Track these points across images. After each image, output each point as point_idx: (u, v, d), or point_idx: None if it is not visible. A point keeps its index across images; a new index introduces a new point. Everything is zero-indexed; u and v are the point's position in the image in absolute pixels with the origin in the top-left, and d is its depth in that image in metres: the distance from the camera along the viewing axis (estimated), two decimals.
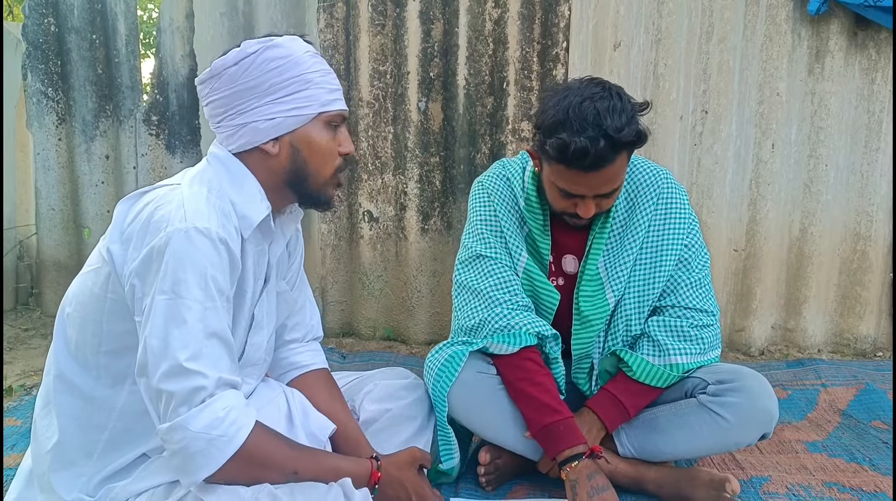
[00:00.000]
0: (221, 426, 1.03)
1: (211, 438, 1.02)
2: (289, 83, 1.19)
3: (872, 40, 2.65)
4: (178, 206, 1.10)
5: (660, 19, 2.62)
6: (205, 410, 1.03)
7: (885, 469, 1.78)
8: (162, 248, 1.06)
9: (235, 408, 1.06)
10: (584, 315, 1.64)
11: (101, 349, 1.17)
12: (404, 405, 1.56)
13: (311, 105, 1.22)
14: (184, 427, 1.02)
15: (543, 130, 1.47)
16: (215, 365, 1.06)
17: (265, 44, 1.19)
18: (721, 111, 2.67)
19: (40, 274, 3.14)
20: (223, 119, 1.23)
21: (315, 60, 1.24)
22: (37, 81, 2.94)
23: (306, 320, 1.54)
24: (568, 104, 1.42)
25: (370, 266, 2.83)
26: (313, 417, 1.38)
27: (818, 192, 2.74)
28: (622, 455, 1.63)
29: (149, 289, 1.07)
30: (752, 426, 1.56)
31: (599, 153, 1.39)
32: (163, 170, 2.97)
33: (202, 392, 1.03)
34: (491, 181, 1.73)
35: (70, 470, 1.19)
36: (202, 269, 1.07)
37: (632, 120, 1.42)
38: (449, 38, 2.65)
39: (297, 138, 1.23)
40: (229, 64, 1.19)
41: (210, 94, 1.23)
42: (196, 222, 1.08)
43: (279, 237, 1.35)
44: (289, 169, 1.24)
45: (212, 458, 1.03)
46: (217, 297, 1.09)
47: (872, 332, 2.81)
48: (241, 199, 1.20)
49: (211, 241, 1.09)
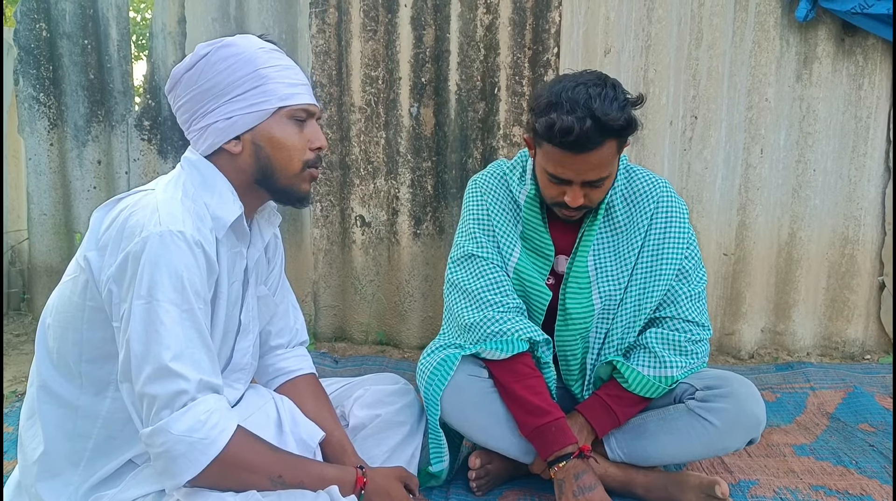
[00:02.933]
0: (203, 430, 1.03)
1: (192, 441, 1.03)
2: (242, 81, 1.19)
3: (860, 46, 2.67)
4: (153, 211, 1.10)
5: (649, 26, 2.64)
6: (186, 413, 1.03)
7: (871, 472, 1.80)
8: (138, 253, 1.06)
9: (217, 411, 1.06)
10: (568, 312, 1.64)
11: (83, 358, 1.17)
12: (394, 410, 1.57)
13: (268, 100, 1.21)
14: (166, 431, 1.03)
15: (536, 111, 1.49)
16: (196, 367, 1.07)
17: (216, 45, 1.20)
18: (710, 117, 2.69)
19: (32, 279, 3.14)
20: (190, 124, 1.24)
21: (270, 56, 1.23)
22: (28, 86, 2.94)
23: (290, 324, 1.54)
24: (561, 88, 1.44)
25: (362, 271, 2.84)
26: (303, 424, 1.38)
27: (806, 196, 2.77)
28: (612, 459, 1.64)
29: (126, 295, 1.07)
30: (740, 432, 1.57)
31: (585, 133, 1.40)
32: (155, 175, 2.97)
33: (184, 396, 1.03)
34: (485, 179, 1.74)
35: (57, 480, 1.19)
36: (178, 272, 1.07)
37: (623, 109, 1.43)
38: (440, 44, 2.66)
39: (258, 135, 1.22)
40: (185, 69, 1.20)
41: (175, 101, 1.24)
42: (171, 226, 1.09)
43: (256, 240, 1.35)
44: (255, 167, 1.24)
45: (194, 461, 1.04)
46: (194, 300, 1.09)
47: (861, 335, 2.84)
48: (213, 200, 1.21)
49: (186, 244, 1.09)
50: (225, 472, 1.08)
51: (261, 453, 1.14)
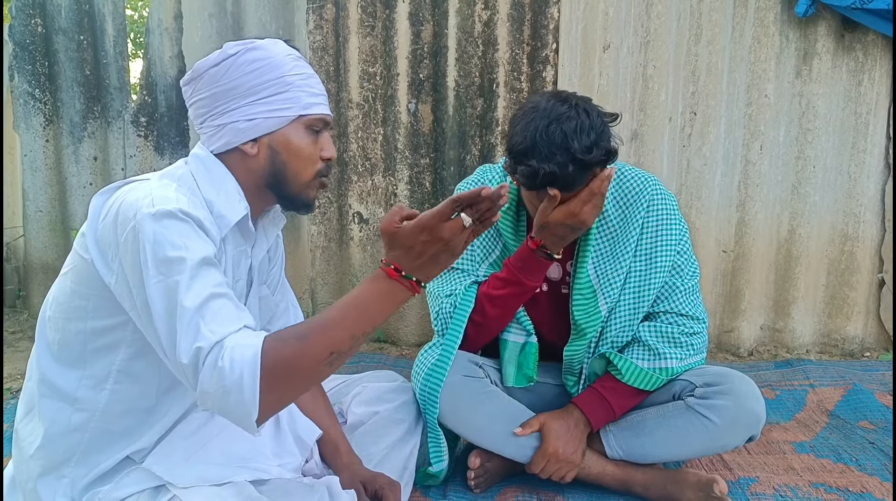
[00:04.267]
0: (229, 375, 0.99)
1: (227, 389, 0.99)
2: (268, 85, 1.20)
3: (859, 42, 2.66)
4: (145, 194, 1.09)
5: (648, 21, 2.63)
6: (206, 369, 1.00)
7: (871, 470, 1.79)
8: (136, 236, 1.05)
9: (236, 347, 1.01)
10: (578, 325, 1.63)
11: (88, 348, 1.16)
12: (392, 408, 1.56)
13: (290, 108, 1.22)
14: (204, 392, 1.00)
15: (513, 155, 1.46)
16: (217, 322, 1.03)
17: (246, 45, 1.20)
18: (710, 113, 2.68)
19: (27, 276, 3.12)
20: (205, 120, 1.23)
21: (296, 64, 1.24)
22: (24, 82, 2.92)
23: (290, 323, 1.52)
24: (535, 129, 1.41)
25: (360, 268, 2.82)
26: (300, 421, 1.37)
27: (806, 193, 2.76)
28: (610, 456, 1.63)
29: (136, 280, 1.06)
30: (739, 429, 1.56)
31: (569, 177, 1.40)
32: (151, 171, 2.94)
33: (201, 354, 1.01)
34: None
35: (54, 475, 1.18)
36: (177, 243, 1.05)
37: (601, 136, 1.41)
38: (439, 40, 2.65)
39: (276, 140, 1.23)
40: (210, 65, 1.20)
41: (193, 95, 1.24)
42: (163, 205, 1.07)
43: (261, 240, 1.34)
44: (268, 170, 1.24)
45: (244, 401, 0.99)
46: (199, 262, 1.06)
47: (860, 332, 2.83)
48: (218, 198, 1.20)
49: (179, 218, 1.08)
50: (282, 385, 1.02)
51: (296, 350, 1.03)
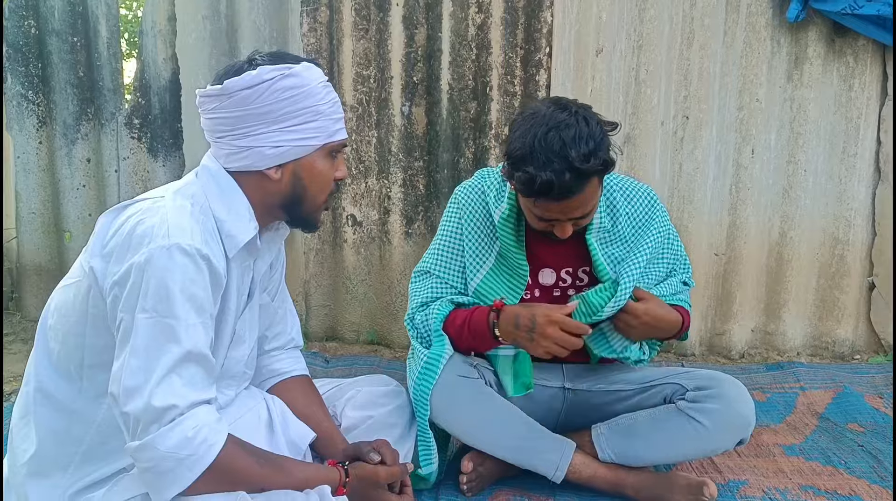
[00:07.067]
0: (191, 446, 1.02)
1: (180, 458, 1.01)
2: (300, 113, 1.20)
3: (850, 47, 2.68)
4: (161, 221, 1.09)
5: (641, 26, 2.64)
6: (174, 429, 1.02)
7: (860, 473, 1.81)
8: (143, 265, 1.05)
9: (206, 426, 1.05)
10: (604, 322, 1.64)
11: (86, 363, 1.16)
12: (386, 412, 1.57)
13: (318, 136, 1.22)
14: (153, 447, 1.01)
15: (511, 161, 1.47)
16: (192, 385, 1.06)
17: (282, 72, 1.18)
18: (702, 117, 2.70)
19: (21, 278, 3.11)
20: (225, 137, 1.21)
21: (327, 91, 1.24)
22: (17, 83, 2.91)
23: (287, 330, 1.54)
24: (533, 136, 1.42)
25: (354, 270, 2.83)
26: (293, 426, 1.38)
27: (797, 197, 2.77)
28: (602, 459, 1.65)
29: (129, 306, 1.06)
30: (730, 432, 1.58)
31: (566, 185, 1.40)
32: (145, 173, 2.96)
33: (173, 411, 1.02)
34: (465, 194, 1.75)
35: (45, 481, 1.18)
36: (184, 287, 1.06)
37: (599, 146, 1.42)
38: (432, 43, 2.65)
39: (301, 167, 1.23)
40: (244, 86, 1.17)
41: (216, 110, 1.20)
42: (179, 239, 1.07)
43: (265, 254, 1.35)
44: (288, 194, 1.25)
45: (181, 477, 1.03)
46: (198, 315, 1.08)
47: (850, 335, 2.85)
48: (228, 217, 1.20)
49: (192, 258, 1.08)
50: (212, 485, 1.07)
51: (248, 466, 1.13)
